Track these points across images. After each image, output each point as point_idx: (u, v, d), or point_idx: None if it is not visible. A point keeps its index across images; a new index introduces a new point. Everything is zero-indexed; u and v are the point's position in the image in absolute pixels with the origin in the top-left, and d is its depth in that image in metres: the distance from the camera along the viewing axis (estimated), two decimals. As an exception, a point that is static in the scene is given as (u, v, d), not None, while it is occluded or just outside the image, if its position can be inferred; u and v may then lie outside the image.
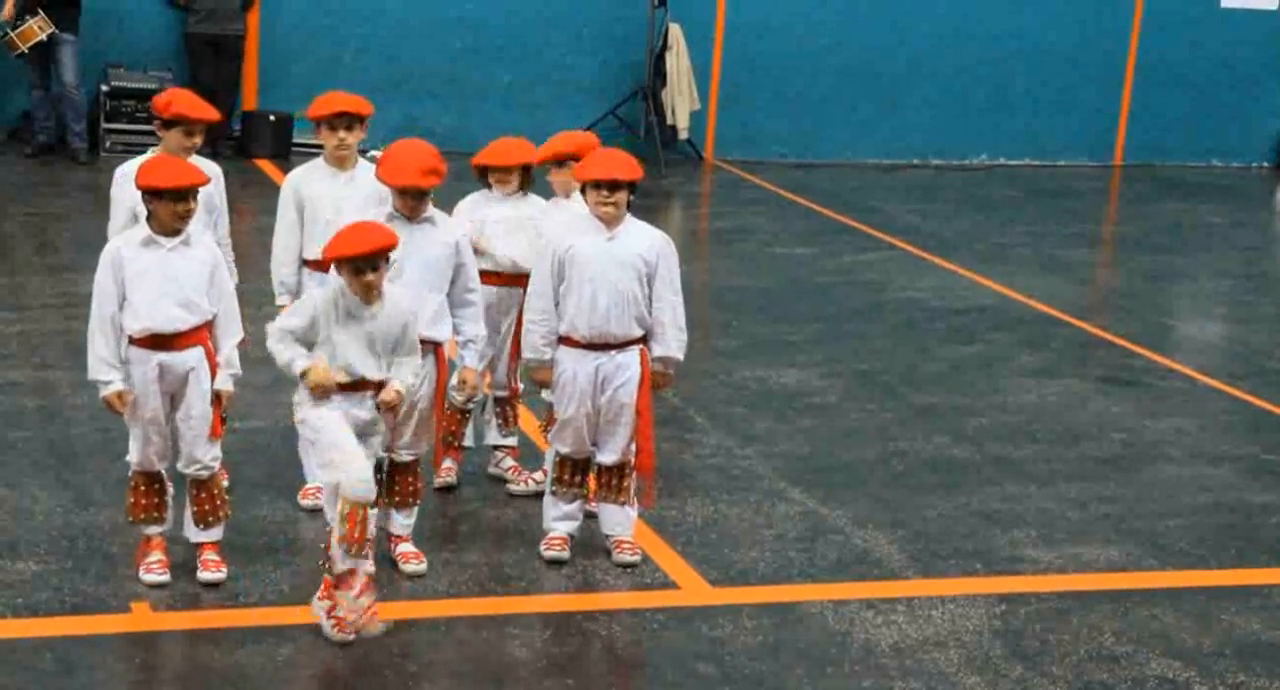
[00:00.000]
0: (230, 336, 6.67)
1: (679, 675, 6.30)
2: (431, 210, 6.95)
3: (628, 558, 7.21)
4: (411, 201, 6.86)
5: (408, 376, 6.47)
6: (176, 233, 6.53)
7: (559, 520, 7.26)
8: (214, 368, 6.64)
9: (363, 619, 6.28)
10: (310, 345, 6.33)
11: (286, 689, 6.03)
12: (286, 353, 6.32)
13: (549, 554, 7.20)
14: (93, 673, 6.05)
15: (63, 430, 8.40)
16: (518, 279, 7.75)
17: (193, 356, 6.59)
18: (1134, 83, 19.21)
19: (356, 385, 6.38)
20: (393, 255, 6.42)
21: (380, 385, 6.43)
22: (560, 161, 7.66)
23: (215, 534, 6.82)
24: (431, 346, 6.91)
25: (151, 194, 6.46)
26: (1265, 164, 19.90)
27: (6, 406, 8.71)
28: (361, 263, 6.22)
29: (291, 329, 6.32)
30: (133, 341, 6.54)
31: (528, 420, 8.50)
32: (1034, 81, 18.82)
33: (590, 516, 7.40)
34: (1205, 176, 19.11)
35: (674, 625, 6.72)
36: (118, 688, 5.97)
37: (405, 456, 6.93)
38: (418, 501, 7.02)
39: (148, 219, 6.56)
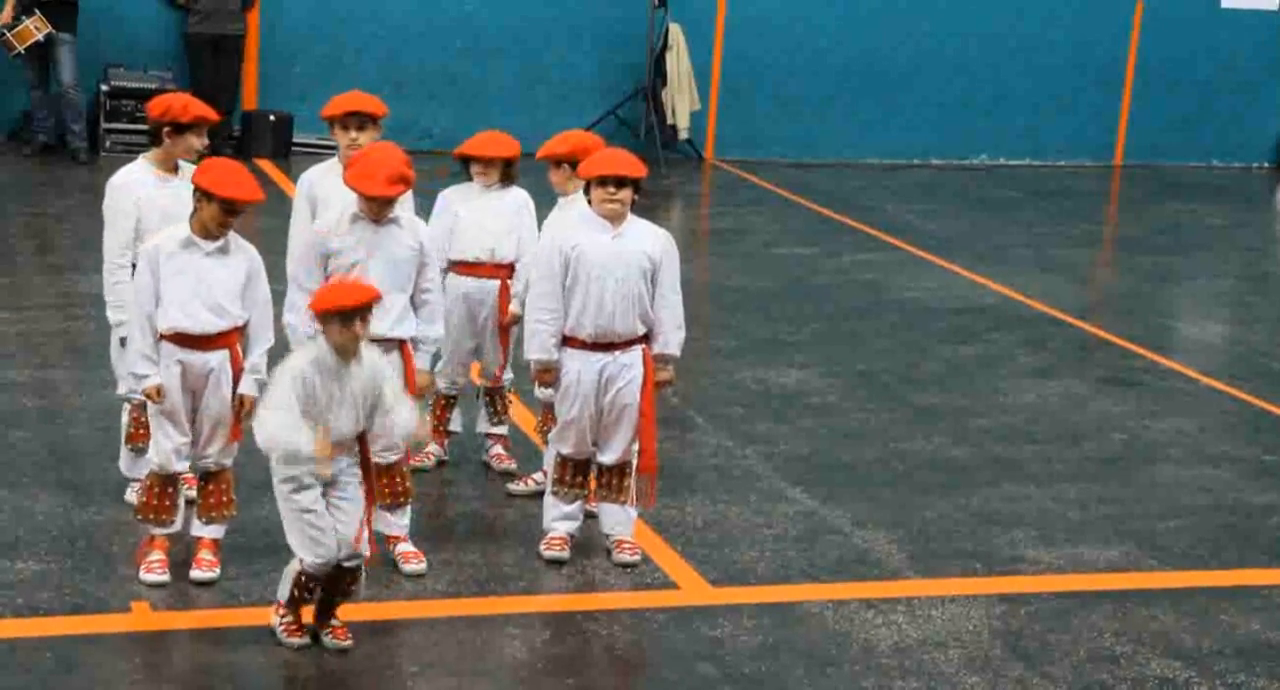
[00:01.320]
0: (260, 343, 6.71)
1: (679, 675, 6.30)
2: (396, 211, 6.94)
3: (628, 558, 7.22)
4: (377, 206, 6.83)
5: (406, 426, 6.28)
6: (217, 237, 6.56)
7: (559, 520, 7.26)
8: (238, 373, 6.65)
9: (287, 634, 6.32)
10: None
11: (285, 688, 6.04)
12: (297, 439, 6.02)
13: (549, 554, 7.20)
14: (93, 672, 6.05)
15: (63, 430, 8.41)
16: (497, 269, 7.79)
17: (215, 358, 6.62)
18: (1134, 83, 19.21)
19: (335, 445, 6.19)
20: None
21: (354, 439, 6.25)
22: (558, 162, 7.67)
23: (216, 531, 6.83)
24: (396, 344, 6.89)
25: (205, 196, 6.48)
26: (1265, 164, 19.90)
27: (6, 406, 8.71)
28: (351, 314, 6.05)
29: (291, 419, 6.04)
30: (161, 337, 6.59)
31: (527, 419, 8.50)
32: (1034, 82, 18.82)
33: (590, 516, 7.40)
34: (1205, 177, 19.11)
35: (674, 625, 6.72)
36: (118, 687, 5.97)
37: (389, 458, 6.90)
38: (408, 499, 7.01)
39: (191, 216, 6.58)
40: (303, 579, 6.25)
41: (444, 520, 7.64)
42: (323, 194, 7.53)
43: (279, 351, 6.80)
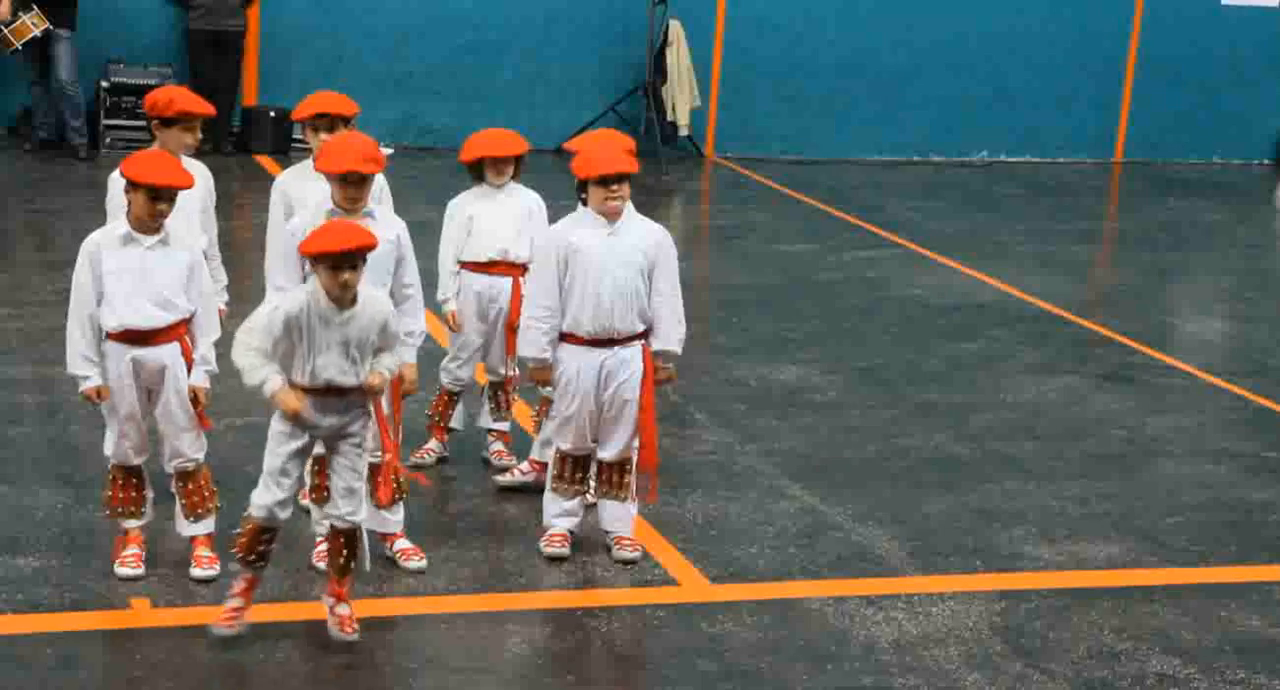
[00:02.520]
0: (207, 334, 6.69)
1: (679, 672, 6.30)
2: (370, 205, 6.91)
3: (628, 554, 7.21)
4: (352, 191, 6.74)
5: (389, 364, 6.30)
6: (155, 230, 6.54)
7: (559, 517, 7.26)
8: (190, 365, 6.65)
9: (222, 619, 6.31)
10: (282, 355, 6.15)
11: (286, 685, 6.04)
12: (258, 372, 6.09)
13: (549, 550, 7.20)
14: (93, 668, 6.06)
15: (63, 427, 8.41)
16: (510, 268, 7.81)
17: (167, 353, 6.60)
18: (1134, 79, 19.20)
19: (328, 391, 6.20)
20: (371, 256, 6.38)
21: (351, 390, 6.25)
22: None
23: (206, 527, 6.83)
24: None
25: (131, 185, 6.47)
26: (1265, 161, 19.90)
27: (7, 403, 8.71)
28: (340, 260, 6.03)
29: (261, 345, 6.10)
30: (109, 336, 6.56)
31: (522, 411, 8.49)
32: (1034, 78, 18.81)
33: (590, 505, 7.40)
34: (1205, 174, 19.11)
35: (674, 622, 6.72)
36: (117, 684, 5.97)
37: (384, 457, 6.89)
38: (403, 496, 6.98)
39: (125, 211, 6.57)
40: (250, 527, 6.26)
41: (444, 517, 7.63)
42: (298, 195, 7.45)
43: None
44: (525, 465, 7.89)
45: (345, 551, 6.36)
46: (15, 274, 11.32)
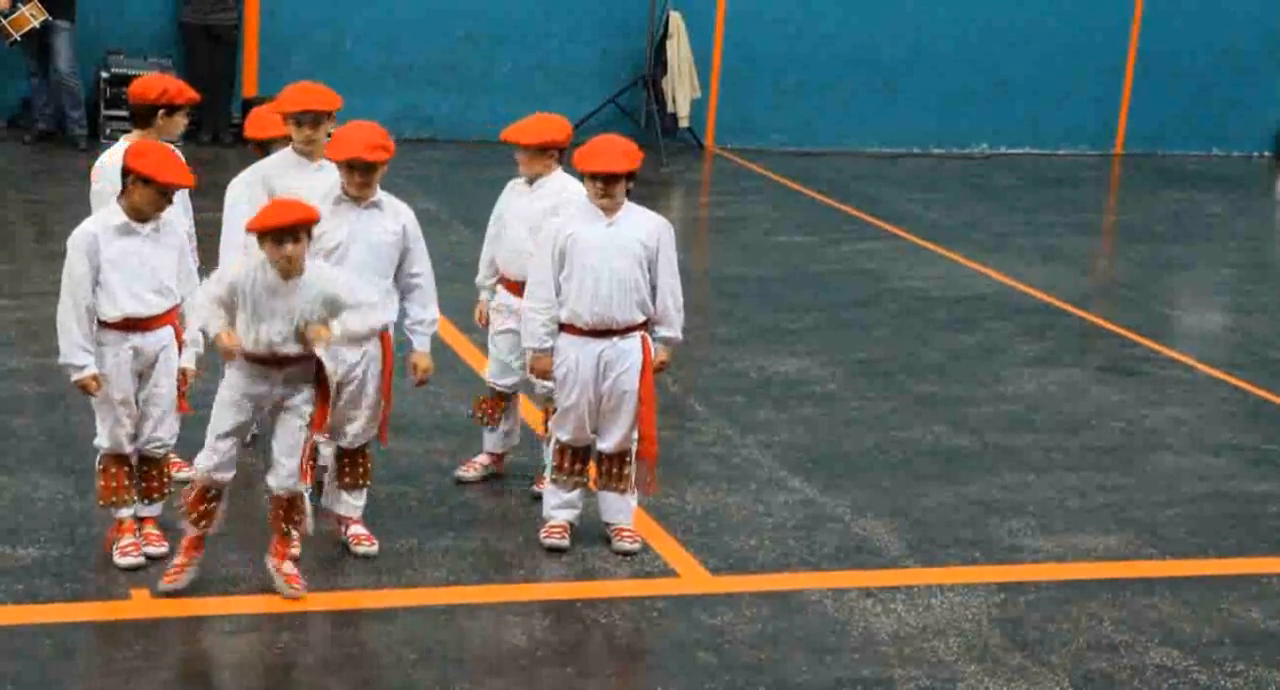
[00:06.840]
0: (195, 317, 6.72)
1: (679, 663, 6.31)
2: (380, 194, 6.89)
3: (627, 545, 7.22)
4: (359, 178, 6.78)
5: (348, 324, 6.34)
6: (149, 220, 6.56)
7: (559, 508, 7.26)
8: (181, 347, 6.72)
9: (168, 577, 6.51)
10: (233, 313, 6.33)
11: (284, 675, 6.04)
12: (208, 318, 6.31)
13: (549, 542, 7.21)
14: (92, 658, 6.06)
15: (63, 417, 8.40)
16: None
17: (165, 336, 6.69)
18: (1135, 71, 19.19)
19: (267, 360, 6.35)
20: (316, 230, 6.44)
21: (294, 360, 6.39)
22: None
23: (156, 509, 6.92)
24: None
25: (140, 180, 6.46)
26: (1266, 153, 19.89)
27: (7, 393, 8.71)
28: (282, 234, 6.20)
29: (217, 297, 6.30)
30: (105, 325, 6.58)
31: (530, 413, 8.49)
32: (1035, 70, 18.80)
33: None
34: (1206, 165, 19.10)
35: (674, 613, 6.72)
36: (117, 674, 5.97)
37: (355, 443, 6.91)
38: (368, 483, 7.02)
39: (119, 197, 6.57)
40: (197, 490, 6.46)
41: (444, 508, 7.63)
42: (280, 185, 7.26)
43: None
44: (483, 458, 7.84)
45: (285, 516, 6.55)
46: (15, 264, 11.32)
